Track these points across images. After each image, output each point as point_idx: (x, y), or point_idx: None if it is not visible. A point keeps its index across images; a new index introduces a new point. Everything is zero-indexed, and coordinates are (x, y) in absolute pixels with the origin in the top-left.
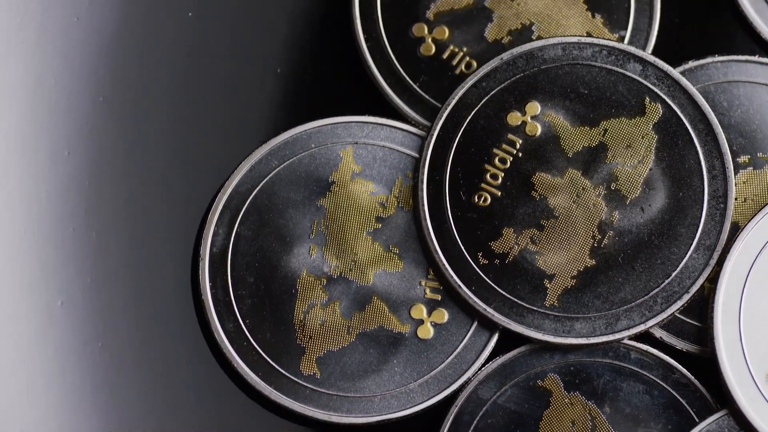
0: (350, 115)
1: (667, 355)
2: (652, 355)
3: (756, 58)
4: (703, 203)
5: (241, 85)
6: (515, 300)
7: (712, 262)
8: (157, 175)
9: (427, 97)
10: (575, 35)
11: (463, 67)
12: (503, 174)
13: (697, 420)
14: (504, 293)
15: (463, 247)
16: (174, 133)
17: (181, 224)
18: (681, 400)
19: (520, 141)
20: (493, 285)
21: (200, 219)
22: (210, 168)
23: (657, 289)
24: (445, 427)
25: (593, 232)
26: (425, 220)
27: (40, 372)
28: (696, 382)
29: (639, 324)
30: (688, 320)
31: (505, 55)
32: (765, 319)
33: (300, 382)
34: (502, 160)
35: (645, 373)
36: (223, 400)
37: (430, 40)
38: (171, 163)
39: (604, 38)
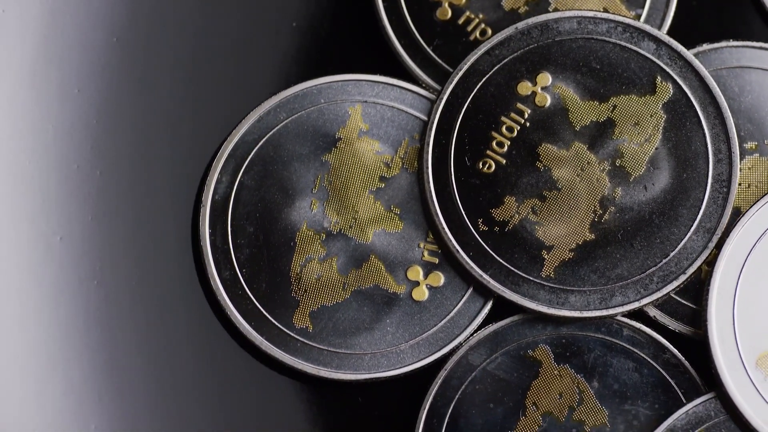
0: (362, 73)
1: (659, 334)
2: (645, 333)
3: None
4: (706, 186)
5: (255, 36)
6: (512, 268)
7: (711, 245)
8: (166, 120)
9: (439, 60)
10: (592, 10)
11: (477, 33)
12: (509, 142)
13: (684, 401)
14: (501, 261)
15: (463, 213)
16: (186, 79)
17: (185, 170)
18: (670, 380)
19: (529, 111)
20: (490, 252)
21: (205, 166)
22: (218, 116)
23: (654, 268)
24: (433, 390)
25: (595, 207)
26: (428, 182)
27: (33, 304)
28: (686, 363)
29: (633, 301)
30: (682, 301)
31: (520, 25)
32: (759, 305)
33: (291, 334)
34: (510, 129)
35: (636, 350)
36: (214, 348)
37: (446, 4)
38: (180, 109)
39: (620, 15)
